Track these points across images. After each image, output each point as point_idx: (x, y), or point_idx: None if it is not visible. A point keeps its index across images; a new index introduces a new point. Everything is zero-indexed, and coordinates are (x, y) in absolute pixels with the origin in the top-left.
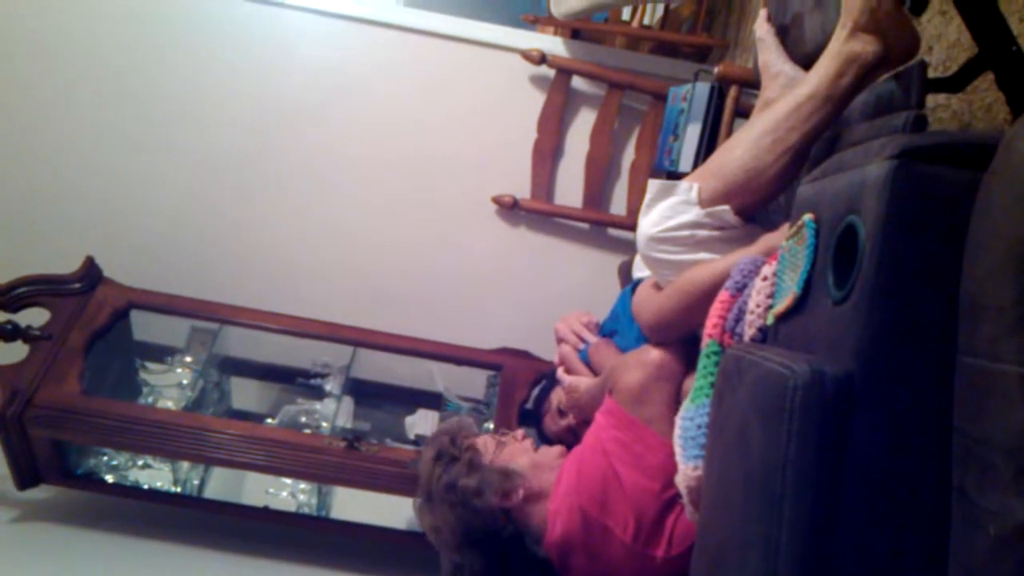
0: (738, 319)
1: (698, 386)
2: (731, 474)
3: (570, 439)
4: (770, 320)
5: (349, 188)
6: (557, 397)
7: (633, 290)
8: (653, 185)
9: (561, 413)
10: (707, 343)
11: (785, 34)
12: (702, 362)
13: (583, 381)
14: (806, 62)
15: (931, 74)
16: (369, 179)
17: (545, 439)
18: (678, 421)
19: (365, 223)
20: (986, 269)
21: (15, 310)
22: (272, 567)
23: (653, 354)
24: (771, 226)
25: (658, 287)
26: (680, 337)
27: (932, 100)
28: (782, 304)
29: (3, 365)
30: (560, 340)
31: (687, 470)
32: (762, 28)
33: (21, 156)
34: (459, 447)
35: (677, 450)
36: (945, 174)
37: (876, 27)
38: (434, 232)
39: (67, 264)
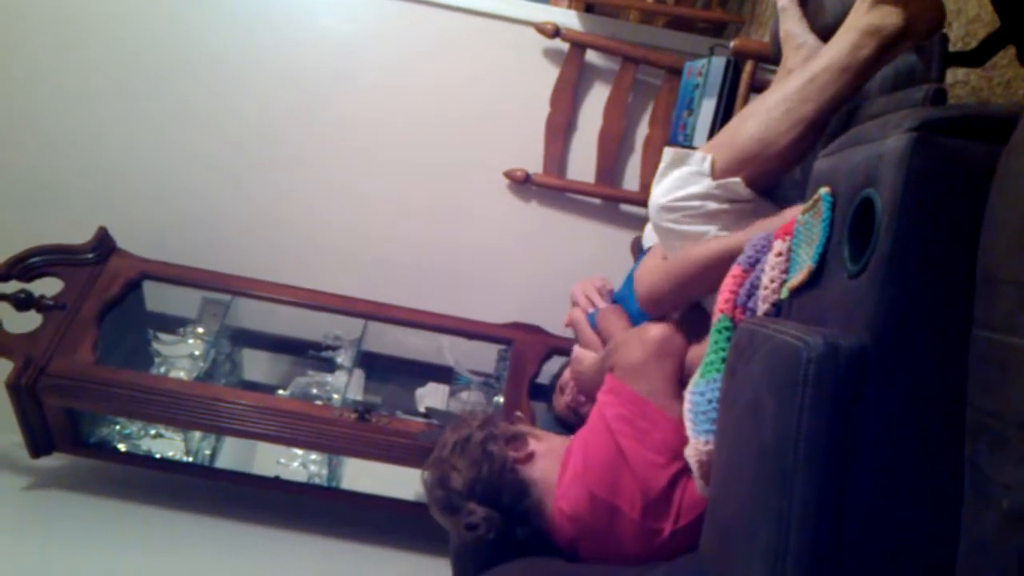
0: (750, 294)
1: (708, 360)
2: (743, 448)
3: (573, 419)
4: (784, 294)
5: (361, 161)
6: (566, 376)
7: None
8: (668, 153)
9: (562, 391)
10: (718, 318)
11: (805, 4)
12: (713, 337)
13: (588, 355)
14: (826, 33)
15: (951, 49)
16: (381, 152)
17: (557, 417)
18: (688, 395)
19: (377, 196)
20: (1004, 244)
21: (29, 279)
22: (282, 536)
23: (654, 331)
24: (785, 200)
25: (664, 259)
26: (671, 311)
27: (951, 76)
28: (797, 278)
29: (17, 334)
30: (573, 303)
31: (698, 444)
32: None
33: (36, 127)
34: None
35: (688, 424)
36: (964, 148)
37: None
38: (446, 206)
39: (81, 234)
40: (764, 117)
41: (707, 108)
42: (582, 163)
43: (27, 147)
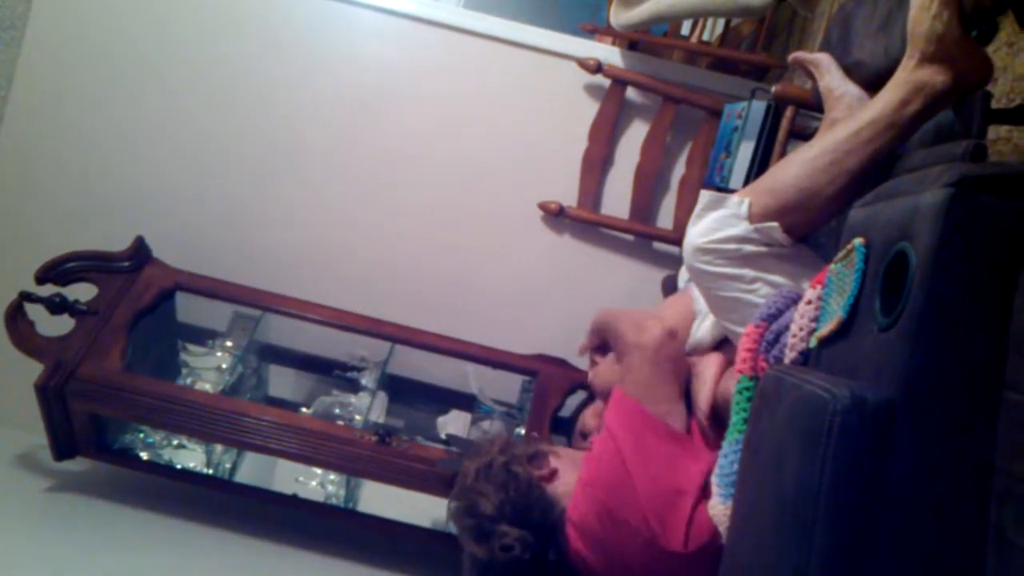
0: (772, 343)
1: (732, 422)
2: (763, 496)
3: None
4: (813, 343)
5: (397, 186)
6: (582, 420)
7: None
8: (704, 195)
9: (583, 436)
10: (737, 379)
11: (847, 60)
12: (735, 398)
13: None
14: (867, 83)
15: (994, 105)
16: (417, 178)
17: None
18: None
19: (410, 221)
20: None
21: (64, 284)
22: (295, 554)
23: (648, 336)
24: (818, 247)
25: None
26: None
27: (993, 132)
28: (826, 327)
29: (49, 337)
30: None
31: (725, 509)
32: (819, 54)
33: (82, 139)
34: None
35: (714, 488)
36: (1002, 206)
37: (944, 56)
38: (478, 234)
39: (118, 243)
40: (808, 166)
41: (745, 151)
42: (617, 199)
43: (74, 158)
